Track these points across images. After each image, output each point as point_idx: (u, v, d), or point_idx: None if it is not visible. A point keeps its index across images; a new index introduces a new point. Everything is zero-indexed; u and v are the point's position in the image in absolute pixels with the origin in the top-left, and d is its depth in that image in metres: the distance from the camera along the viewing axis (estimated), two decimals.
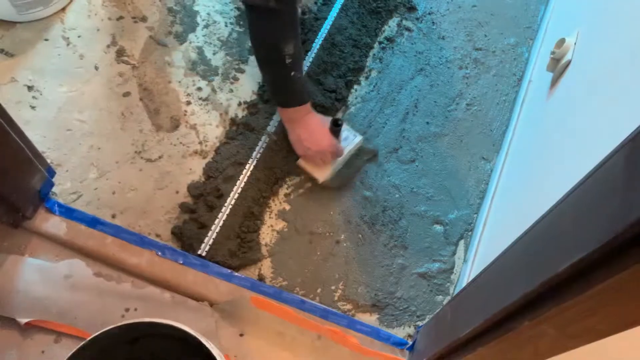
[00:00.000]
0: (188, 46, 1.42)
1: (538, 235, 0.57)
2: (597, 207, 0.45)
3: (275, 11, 1.04)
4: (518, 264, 0.61)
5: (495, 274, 0.69)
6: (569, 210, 0.50)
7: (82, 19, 1.42)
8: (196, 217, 1.22)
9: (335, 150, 1.24)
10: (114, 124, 1.31)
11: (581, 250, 0.44)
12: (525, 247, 0.61)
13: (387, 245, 1.26)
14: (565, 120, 0.97)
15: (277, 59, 1.10)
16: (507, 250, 0.67)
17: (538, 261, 0.54)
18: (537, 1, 1.59)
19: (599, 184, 0.46)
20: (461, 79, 1.47)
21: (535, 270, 0.53)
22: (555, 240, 0.52)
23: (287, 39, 1.07)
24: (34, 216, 1.15)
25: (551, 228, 0.54)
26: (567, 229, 0.50)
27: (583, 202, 0.48)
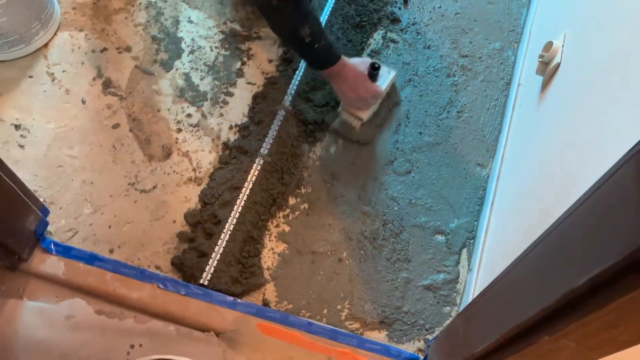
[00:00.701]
0: (175, 73, 1.41)
1: (550, 247, 0.56)
2: (612, 219, 0.44)
3: (279, 7, 1.15)
4: (532, 276, 0.60)
5: (507, 287, 0.68)
6: (582, 221, 0.50)
7: (65, 54, 1.41)
8: (195, 246, 1.21)
9: (375, 94, 1.30)
10: (105, 157, 1.29)
11: (600, 264, 0.43)
12: (537, 259, 0.60)
13: (390, 260, 1.25)
14: (561, 123, 0.97)
15: (298, 41, 1.19)
16: (518, 262, 0.66)
17: (554, 274, 0.53)
18: (518, 5, 1.60)
19: (611, 195, 0.45)
20: (450, 87, 1.47)
21: (552, 284, 0.52)
22: (570, 253, 0.51)
23: (300, 24, 1.16)
24: (30, 257, 1.13)
25: (564, 239, 0.53)
26: (581, 241, 0.49)
27: (595, 213, 0.48)
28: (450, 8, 1.59)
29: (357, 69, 1.28)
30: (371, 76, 1.29)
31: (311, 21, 1.17)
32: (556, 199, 0.79)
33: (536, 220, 0.87)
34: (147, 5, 1.49)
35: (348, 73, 1.26)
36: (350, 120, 1.34)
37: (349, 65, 1.26)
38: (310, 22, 1.17)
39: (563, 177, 0.82)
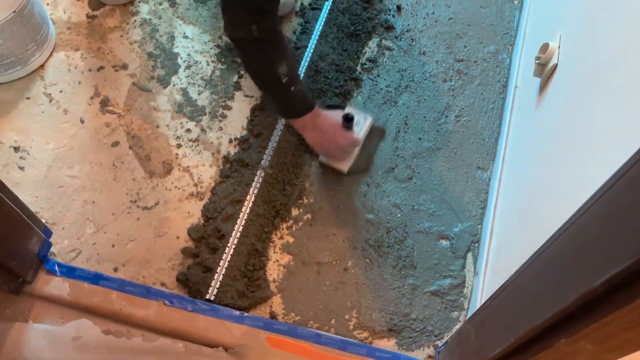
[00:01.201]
0: (172, 89, 1.41)
1: (563, 248, 0.56)
2: (626, 218, 0.44)
3: (261, 40, 1.06)
4: (545, 278, 0.60)
5: (519, 289, 0.68)
6: (595, 222, 0.50)
7: (62, 74, 1.40)
8: (200, 261, 1.20)
9: (353, 142, 1.29)
10: (106, 176, 1.29)
11: (616, 264, 0.43)
12: (550, 261, 0.60)
13: (396, 267, 1.24)
14: (563, 122, 0.97)
15: (274, 81, 1.12)
16: (529, 264, 0.66)
17: (568, 275, 0.53)
18: (511, 8, 1.62)
19: (624, 194, 0.45)
20: (447, 92, 1.48)
21: (567, 285, 0.52)
22: (584, 253, 0.51)
23: (279, 60, 1.09)
24: (34, 280, 1.12)
25: (577, 240, 0.53)
26: (595, 242, 0.49)
27: (609, 213, 0.48)
28: (444, 14, 1.60)
29: (332, 118, 1.25)
30: (345, 126, 1.27)
31: (290, 60, 1.12)
32: (562, 199, 0.79)
33: (542, 221, 0.87)
34: (141, 22, 1.49)
35: (323, 122, 1.22)
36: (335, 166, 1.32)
37: (324, 114, 1.22)
38: (289, 60, 1.11)
39: (568, 178, 0.82)
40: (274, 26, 1.09)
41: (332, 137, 1.24)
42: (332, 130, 1.24)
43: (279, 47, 1.10)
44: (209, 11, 1.53)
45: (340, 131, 1.26)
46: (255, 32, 1.05)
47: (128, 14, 1.50)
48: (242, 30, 1.07)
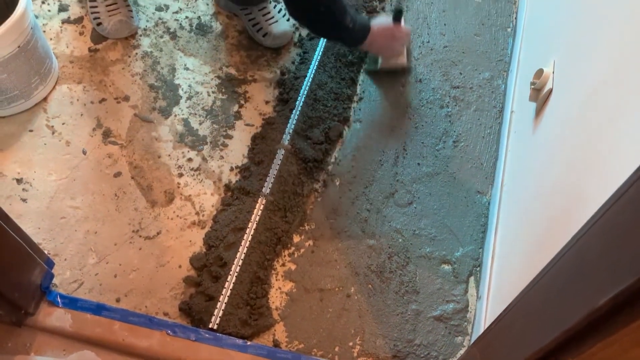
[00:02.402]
0: (173, 119, 1.43)
1: (565, 269, 0.57)
2: (627, 237, 0.45)
3: (326, 11, 1.26)
4: (548, 299, 0.60)
5: (523, 312, 0.68)
6: (596, 241, 0.50)
7: (65, 106, 1.42)
8: (202, 290, 1.20)
9: (407, 33, 1.49)
10: (108, 206, 1.30)
11: (620, 282, 0.44)
12: (552, 282, 0.60)
13: (399, 292, 1.24)
14: (559, 146, 0.99)
15: (344, 30, 1.32)
16: (532, 286, 0.67)
17: (572, 296, 0.53)
18: (504, 35, 1.65)
19: (624, 213, 0.46)
20: (444, 118, 1.50)
21: (571, 306, 0.53)
22: (587, 273, 0.52)
23: (344, 15, 1.28)
24: (36, 311, 1.11)
25: (579, 261, 0.54)
26: (597, 261, 0.50)
27: (609, 232, 0.49)
28: (438, 42, 1.64)
29: (383, 22, 1.43)
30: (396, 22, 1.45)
31: (347, 10, 1.29)
32: (563, 220, 0.80)
33: (544, 243, 0.88)
34: (143, 55, 1.52)
35: (380, 31, 1.40)
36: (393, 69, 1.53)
37: (377, 25, 1.39)
38: (347, 7, 1.28)
39: (568, 199, 0.83)
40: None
41: (391, 36, 1.44)
42: (390, 31, 1.43)
43: (341, 7, 1.27)
44: (209, 43, 1.56)
45: (396, 28, 1.44)
46: (322, 7, 1.25)
47: (130, 47, 1.53)
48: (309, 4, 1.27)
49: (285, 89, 1.49)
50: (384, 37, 1.42)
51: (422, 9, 1.70)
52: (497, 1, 1.73)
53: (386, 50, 1.49)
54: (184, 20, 1.59)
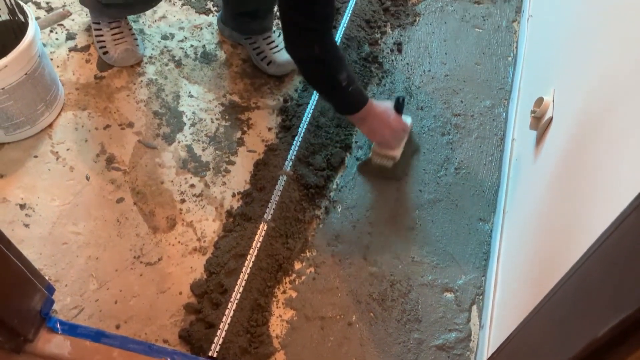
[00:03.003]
0: (177, 146, 1.44)
1: (565, 298, 0.57)
2: (627, 266, 0.45)
3: (322, 57, 1.20)
4: (549, 329, 0.60)
5: (525, 342, 0.67)
6: (596, 270, 0.50)
7: (69, 132, 1.44)
8: (203, 317, 1.19)
9: (405, 127, 1.37)
10: (110, 232, 1.30)
11: (621, 311, 0.44)
12: (553, 312, 0.60)
13: (401, 321, 1.23)
14: (560, 174, 0.99)
15: (337, 88, 1.24)
16: (533, 315, 0.66)
17: (573, 325, 0.53)
18: (505, 64, 1.67)
19: (623, 242, 0.46)
20: (445, 145, 1.51)
21: (572, 335, 0.52)
22: (587, 302, 0.51)
23: (340, 71, 1.22)
24: (36, 338, 1.10)
25: (579, 290, 0.54)
26: (598, 290, 0.49)
27: (609, 261, 0.48)
28: (440, 71, 1.66)
29: (384, 105, 1.35)
30: (397, 110, 1.36)
31: (346, 66, 1.25)
32: (564, 248, 0.80)
33: (545, 271, 0.87)
34: (148, 82, 1.54)
35: (377, 110, 1.31)
36: (384, 162, 1.38)
37: (376, 104, 1.32)
38: (346, 65, 1.24)
39: (568, 227, 0.83)
40: (332, 41, 1.22)
41: (387, 121, 1.32)
42: (386, 115, 1.32)
43: (338, 59, 1.23)
44: (213, 71, 1.58)
45: (394, 115, 1.34)
46: (317, 51, 1.18)
47: (135, 75, 1.55)
48: (305, 51, 1.21)
49: (288, 116, 1.50)
50: (380, 120, 1.31)
51: (423, 38, 1.73)
52: (497, 31, 1.76)
53: (379, 134, 1.33)
54: (189, 48, 1.62)
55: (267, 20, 1.55)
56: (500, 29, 1.76)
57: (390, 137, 1.34)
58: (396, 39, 1.71)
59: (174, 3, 1.72)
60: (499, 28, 1.77)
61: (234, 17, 1.56)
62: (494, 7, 1.82)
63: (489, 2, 1.83)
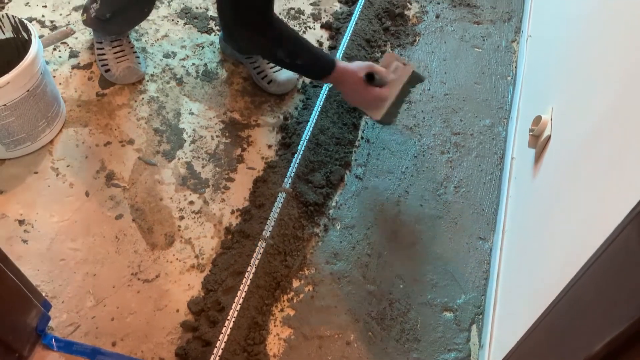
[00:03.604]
0: (177, 163, 1.44)
1: (561, 315, 0.56)
2: (620, 282, 0.45)
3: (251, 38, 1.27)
4: (545, 347, 0.59)
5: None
6: (589, 287, 0.50)
7: (70, 149, 1.45)
8: (199, 335, 1.18)
9: (380, 99, 1.34)
10: (108, 248, 1.30)
11: (615, 327, 0.43)
12: (548, 329, 0.59)
13: (400, 340, 1.22)
14: (559, 192, 0.99)
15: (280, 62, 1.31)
16: (529, 334, 0.65)
17: (568, 342, 0.52)
18: (505, 83, 1.68)
19: (616, 258, 0.46)
20: (445, 163, 1.51)
21: (567, 353, 0.51)
22: (582, 319, 0.51)
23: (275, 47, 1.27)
24: (30, 355, 1.10)
25: (574, 306, 0.53)
26: (592, 306, 0.49)
27: (602, 278, 0.48)
28: (439, 90, 1.66)
29: (356, 76, 1.32)
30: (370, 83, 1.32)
31: (285, 42, 1.26)
32: (560, 267, 0.79)
33: (542, 290, 0.86)
34: (149, 100, 1.55)
35: (346, 80, 1.32)
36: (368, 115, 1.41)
37: (348, 72, 1.31)
38: (285, 43, 1.26)
39: (565, 245, 0.82)
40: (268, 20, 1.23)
41: (356, 94, 1.33)
42: (355, 88, 1.32)
43: (270, 38, 1.26)
44: (214, 89, 1.60)
45: (364, 88, 1.32)
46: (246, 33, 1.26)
47: (136, 92, 1.56)
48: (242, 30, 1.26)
49: (288, 134, 1.51)
50: (351, 85, 1.32)
51: (423, 57, 1.74)
52: (497, 51, 1.77)
53: (351, 100, 1.38)
54: (191, 67, 1.64)
55: None
56: (500, 48, 1.78)
57: (363, 104, 1.38)
58: None
59: (176, 22, 1.74)
60: (498, 48, 1.78)
61: None
62: (493, 27, 1.84)
63: (488, 23, 1.85)
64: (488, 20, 1.85)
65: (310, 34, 1.76)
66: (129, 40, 1.58)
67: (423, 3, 1.89)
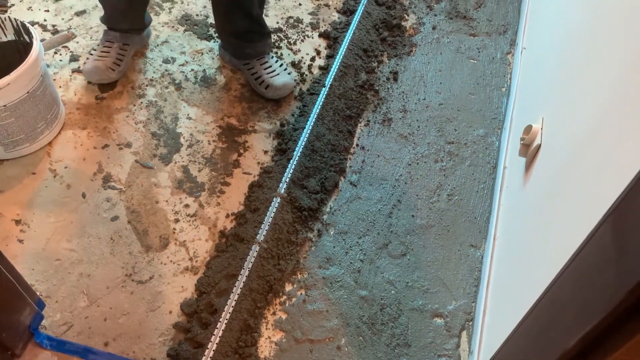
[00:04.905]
0: (173, 166, 1.46)
1: (541, 314, 0.58)
2: (595, 277, 0.46)
3: None
4: (527, 346, 0.60)
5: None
6: (567, 285, 0.51)
7: (68, 151, 1.46)
8: (192, 337, 1.19)
9: None
10: (103, 249, 1.31)
11: (588, 322, 0.45)
12: (530, 329, 0.61)
13: (390, 345, 1.23)
14: (546, 199, 1.00)
15: None
16: (513, 334, 0.67)
17: (547, 339, 0.54)
18: (499, 94, 1.70)
19: (592, 256, 0.48)
20: (438, 172, 1.53)
21: (546, 349, 0.53)
22: (560, 316, 0.52)
23: None
24: (23, 353, 1.10)
25: (552, 305, 0.55)
26: (569, 304, 0.50)
27: (579, 275, 0.50)
28: (434, 99, 1.69)
29: None
30: None
31: None
32: (543, 271, 0.81)
33: (526, 293, 0.88)
34: (147, 104, 1.57)
35: None
36: None
37: None
38: None
39: (549, 251, 0.84)
40: None
41: None
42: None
43: None
44: (212, 95, 1.62)
45: None
46: None
47: (135, 97, 1.58)
48: None
49: (284, 140, 1.52)
50: None
51: (419, 68, 1.77)
52: (492, 62, 1.80)
53: None
54: (190, 72, 1.66)
55: (261, 44, 1.60)
56: (495, 60, 1.80)
57: None
58: (392, 68, 1.75)
59: (176, 29, 1.76)
60: (493, 60, 1.81)
61: (229, 40, 1.61)
62: (489, 39, 1.86)
63: (484, 35, 1.88)
64: (484, 33, 1.88)
65: (308, 42, 1.79)
66: (123, 49, 1.60)
67: (420, 15, 1.92)
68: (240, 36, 1.56)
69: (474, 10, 1.96)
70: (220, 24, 1.59)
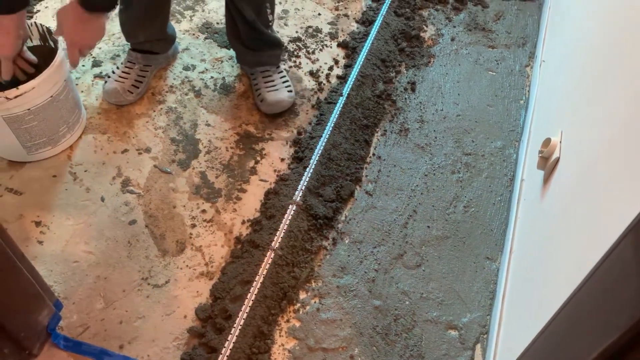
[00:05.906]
0: (191, 172, 1.48)
1: (560, 328, 0.57)
2: (616, 292, 0.46)
3: None
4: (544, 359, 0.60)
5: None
6: (587, 298, 0.51)
7: (88, 154, 1.48)
8: (205, 342, 1.20)
9: None
10: (120, 253, 1.32)
11: (608, 337, 0.44)
12: (547, 343, 0.60)
13: (403, 356, 1.22)
14: (564, 213, 1.00)
15: None
16: (529, 348, 0.66)
17: (565, 354, 0.53)
18: (517, 107, 1.70)
19: (612, 269, 0.47)
20: (455, 183, 1.52)
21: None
22: (579, 330, 0.52)
23: None
24: (40, 353, 1.12)
25: (571, 319, 0.54)
26: (588, 318, 0.50)
27: (599, 289, 0.49)
28: (452, 111, 1.69)
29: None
30: None
31: None
32: (561, 284, 0.80)
33: (544, 306, 0.87)
34: (167, 110, 1.59)
35: None
36: None
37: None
38: None
39: (567, 265, 0.83)
40: None
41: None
42: None
43: None
44: (231, 102, 1.63)
45: None
46: None
47: (155, 103, 1.61)
48: None
49: (301, 148, 1.53)
50: None
51: (437, 79, 1.77)
52: (510, 74, 1.79)
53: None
54: (209, 79, 1.68)
55: (267, 54, 1.60)
56: (514, 73, 1.80)
57: None
58: (410, 79, 1.75)
59: (197, 36, 1.79)
60: (512, 72, 1.80)
61: (234, 44, 1.62)
62: (507, 51, 1.86)
63: (503, 47, 1.88)
64: (503, 45, 1.88)
65: (326, 52, 1.80)
66: (144, 70, 1.61)
67: (439, 26, 1.93)
68: (243, 42, 1.57)
69: (493, 22, 1.96)
70: (227, 27, 1.60)
